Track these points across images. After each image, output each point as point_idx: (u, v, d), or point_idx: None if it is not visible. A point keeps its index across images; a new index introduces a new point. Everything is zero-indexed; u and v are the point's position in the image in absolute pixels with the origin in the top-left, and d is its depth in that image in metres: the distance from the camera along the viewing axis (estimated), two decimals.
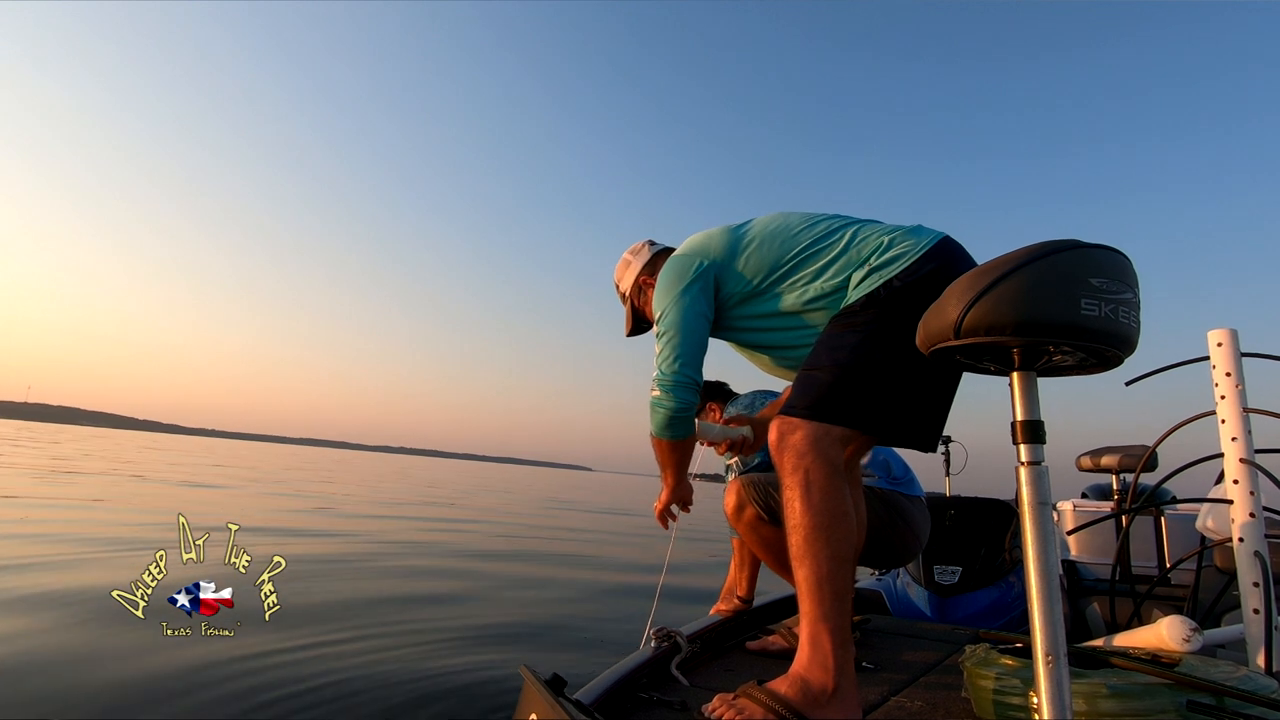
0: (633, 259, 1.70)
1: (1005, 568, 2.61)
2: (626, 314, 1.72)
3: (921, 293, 1.19)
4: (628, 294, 1.70)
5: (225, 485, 11.72)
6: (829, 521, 1.15)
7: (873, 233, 1.35)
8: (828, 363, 1.26)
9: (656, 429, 1.44)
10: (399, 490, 16.19)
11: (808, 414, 1.23)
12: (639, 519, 12.88)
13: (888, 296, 1.27)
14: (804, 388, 1.27)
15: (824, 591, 1.12)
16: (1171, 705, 1.00)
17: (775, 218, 1.46)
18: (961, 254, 1.33)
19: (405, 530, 7.46)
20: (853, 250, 1.34)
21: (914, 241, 1.31)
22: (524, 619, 3.55)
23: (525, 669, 1.09)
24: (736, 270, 1.42)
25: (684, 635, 1.55)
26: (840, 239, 1.36)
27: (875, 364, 1.24)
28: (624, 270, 1.71)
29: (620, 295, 1.74)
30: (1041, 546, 0.80)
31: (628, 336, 1.74)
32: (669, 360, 1.40)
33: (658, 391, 1.40)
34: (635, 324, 1.71)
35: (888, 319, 1.25)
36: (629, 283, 1.69)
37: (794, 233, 1.41)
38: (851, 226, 1.38)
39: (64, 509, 6.63)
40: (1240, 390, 1.46)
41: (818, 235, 1.38)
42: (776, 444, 1.24)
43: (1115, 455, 2.82)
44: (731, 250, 1.44)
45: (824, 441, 1.20)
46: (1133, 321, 0.79)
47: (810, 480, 1.17)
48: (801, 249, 1.38)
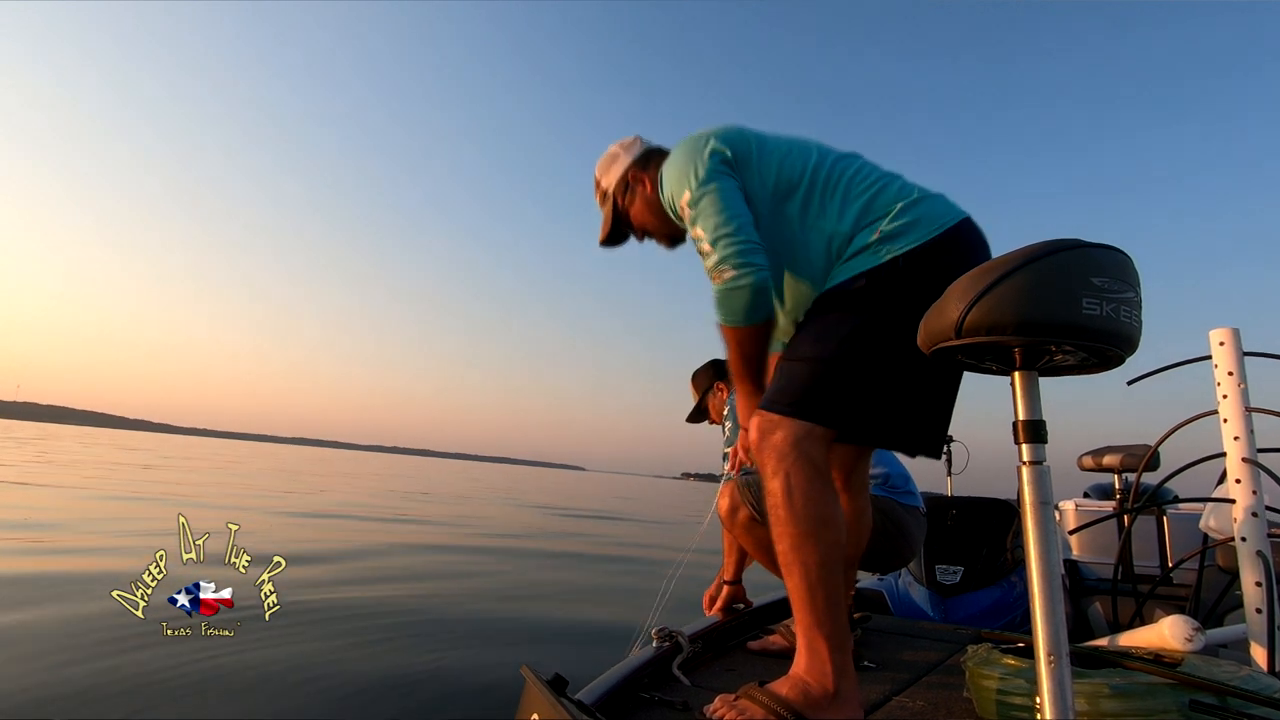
0: (621, 152, 1.48)
1: (1007, 567, 2.61)
2: (605, 216, 1.50)
3: (927, 281, 1.06)
4: (610, 191, 1.48)
5: (143, 495, 9.41)
6: (814, 527, 1.10)
7: (893, 186, 1.24)
8: (812, 354, 1.18)
9: (741, 313, 1.20)
10: (343, 488, 15.02)
11: (789, 411, 1.15)
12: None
13: (889, 277, 1.17)
14: (786, 381, 1.19)
15: (815, 598, 1.10)
16: (1174, 705, 1.00)
17: (795, 136, 1.34)
18: (980, 243, 1.24)
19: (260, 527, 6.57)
20: (867, 198, 1.22)
21: (932, 213, 1.21)
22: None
23: (527, 669, 1.09)
24: (755, 165, 1.27)
25: (685, 635, 1.55)
26: (860, 181, 1.25)
27: (865, 360, 1.15)
28: (609, 164, 1.49)
29: (600, 193, 1.51)
30: (1043, 546, 0.80)
31: (601, 244, 1.54)
32: (723, 220, 1.19)
33: (729, 270, 1.17)
34: (614, 230, 1.50)
35: (884, 306, 1.15)
36: (615, 178, 1.46)
37: (818, 155, 1.29)
38: (874, 173, 1.27)
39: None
40: (1242, 389, 1.45)
41: (840, 168, 1.26)
42: (757, 443, 1.17)
43: (1117, 455, 2.81)
44: (753, 142, 1.30)
45: (806, 442, 1.13)
46: (1134, 321, 0.79)
47: (792, 485, 1.11)
48: (826, 174, 1.26)
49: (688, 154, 1.29)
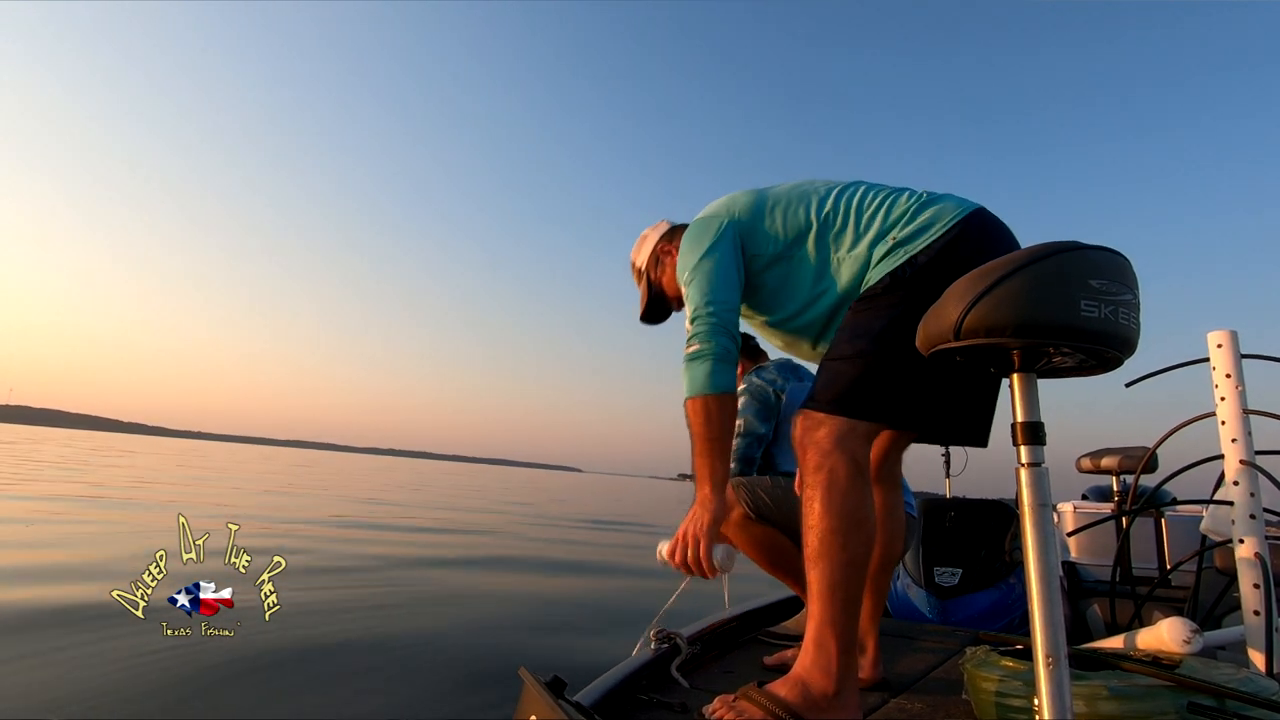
0: (650, 233, 1.62)
1: (1005, 569, 2.61)
2: (641, 293, 1.62)
3: (951, 272, 1.09)
4: (644, 268, 1.60)
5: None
6: (847, 526, 1.11)
7: (899, 199, 1.28)
8: (850, 352, 1.20)
9: (697, 385, 1.26)
10: (310, 490, 14.29)
11: (832, 408, 1.18)
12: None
13: (912, 275, 1.20)
14: (827, 379, 1.21)
15: (835, 597, 1.10)
16: (1172, 707, 1.00)
17: (801, 182, 1.41)
18: (997, 229, 1.25)
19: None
20: (878, 218, 1.27)
21: (942, 211, 1.24)
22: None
23: (525, 671, 1.09)
24: (762, 229, 1.36)
25: (684, 637, 1.55)
26: (866, 205, 1.30)
27: (901, 352, 1.15)
28: (640, 245, 1.62)
29: (635, 273, 1.64)
30: (1042, 548, 0.80)
31: (642, 320, 1.64)
32: (701, 302, 1.29)
33: (695, 344, 1.28)
34: (650, 306, 1.62)
35: (913, 301, 1.16)
36: (645, 254, 1.59)
37: (820, 196, 1.35)
38: (879, 193, 1.32)
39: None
40: (1240, 392, 1.46)
41: (844, 200, 1.32)
42: (800, 440, 1.19)
43: (1115, 457, 2.82)
44: (757, 209, 1.37)
45: (849, 439, 1.15)
46: (1132, 323, 0.79)
47: (833, 481, 1.13)
48: (828, 212, 1.32)
49: (695, 233, 1.39)
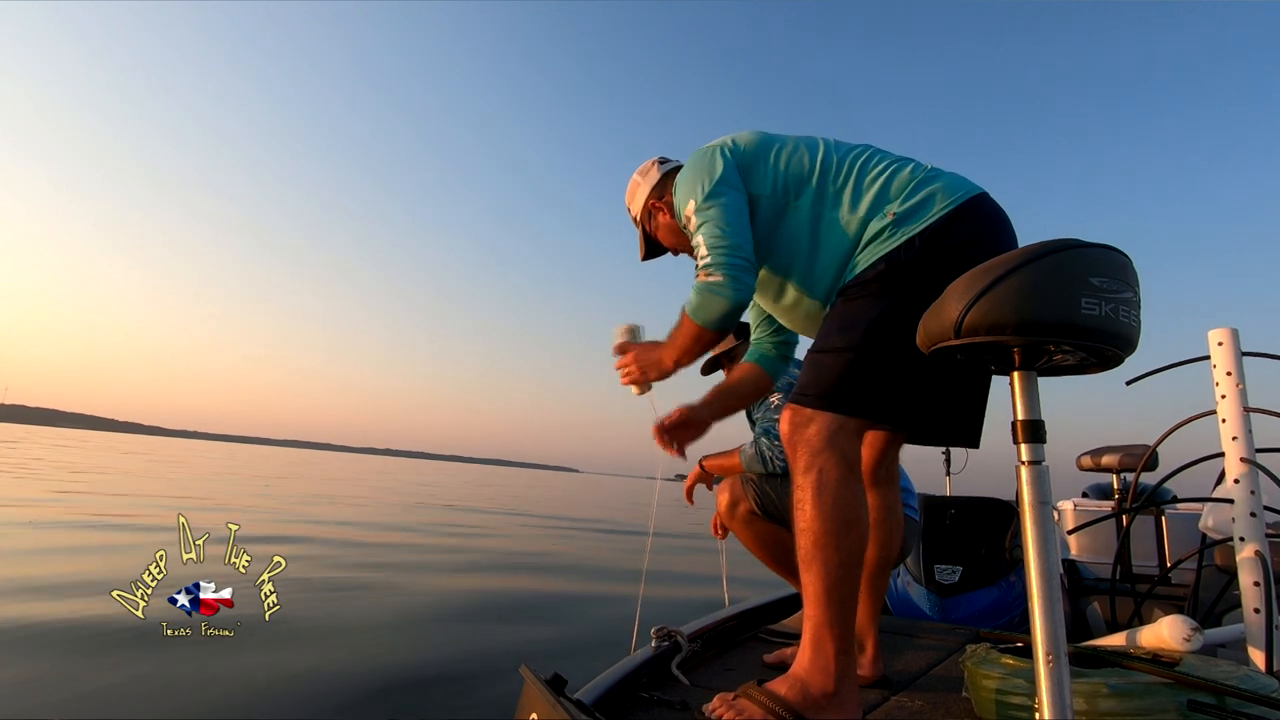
0: (640, 180, 1.55)
1: (1006, 567, 2.61)
2: (639, 238, 1.61)
3: (946, 257, 1.08)
4: (638, 218, 1.58)
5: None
6: (839, 527, 1.09)
7: (903, 170, 1.24)
8: (841, 344, 1.17)
9: (712, 317, 1.22)
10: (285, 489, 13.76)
11: (821, 403, 1.14)
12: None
13: (907, 260, 1.16)
14: (816, 372, 1.18)
15: (830, 599, 1.09)
16: (1172, 704, 1.00)
17: (809, 137, 1.37)
18: (997, 216, 1.22)
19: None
20: (878, 184, 1.23)
21: (944, 191, 1.20)
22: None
23: (526, 668, 1.09)
24: (762, 167, 1.30)
25: (684, 634, 1.55)
26: (870, 167, 1.26)
27: (895, 345, 1.12)
28: (632, 193, 1.59)
29: (631, 218, 1.63)
30: (1042, 546, 0.80)
31: (642, 261, 1.62)
32: (724, 242, 1.22)
33: (717, 275, 1.20)
34: (648, 248, 1.60)
35: (906, 289, 1.14)
36: (638, 205, 1.57)
37: (827, 147, 1.31)
38: (884, 159, 1.28)
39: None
40: (1241, 389, 1.45)
41: (850, 157, 1.28)
42: (789, 437, 1.17)
43: (1116, 455, 2.81)
44: (761, 146, 1.33)
45: (840, 436, 1.13)
46: (1133, 321, 0.79)
47: (823, 482, 1.11)
48: (833, 165, 1.27)
49: (696, 167, 1.32)
